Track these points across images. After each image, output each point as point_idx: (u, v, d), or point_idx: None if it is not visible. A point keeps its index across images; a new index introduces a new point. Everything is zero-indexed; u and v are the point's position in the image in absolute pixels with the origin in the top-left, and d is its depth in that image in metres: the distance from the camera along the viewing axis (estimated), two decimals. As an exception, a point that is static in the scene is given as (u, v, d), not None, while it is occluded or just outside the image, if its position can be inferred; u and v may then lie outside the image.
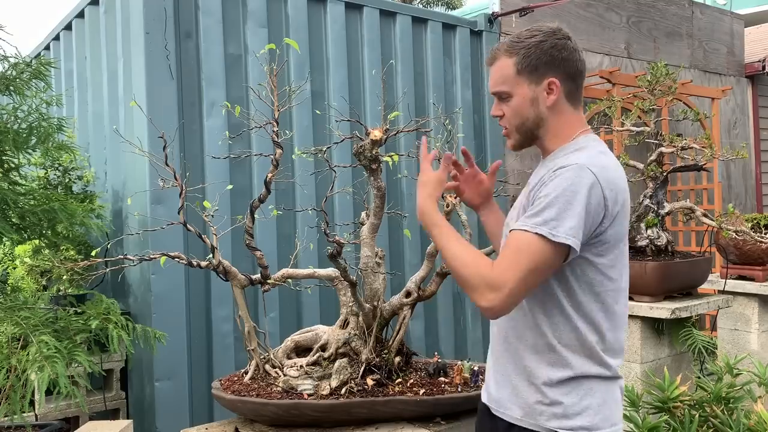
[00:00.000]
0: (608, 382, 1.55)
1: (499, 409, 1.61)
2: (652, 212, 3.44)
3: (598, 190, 1.43)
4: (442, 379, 2.32)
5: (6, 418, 2.16)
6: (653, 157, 3.45)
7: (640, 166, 3.50)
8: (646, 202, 3.44)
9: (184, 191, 2.27)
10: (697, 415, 2.65)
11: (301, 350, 2.41)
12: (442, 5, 17.20)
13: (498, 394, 1.62)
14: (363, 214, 2.51)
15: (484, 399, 1.71)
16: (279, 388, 2.17)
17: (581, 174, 1.43)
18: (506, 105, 1.59)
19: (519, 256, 1.41)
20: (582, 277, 1.50)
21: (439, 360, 2.44)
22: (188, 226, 2.27)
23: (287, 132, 3.60)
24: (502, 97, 1.59)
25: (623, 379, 1.62)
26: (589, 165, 1.45)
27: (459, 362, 2.38)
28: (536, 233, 1.40)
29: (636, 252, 3.41)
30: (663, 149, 3.45)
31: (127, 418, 3.38)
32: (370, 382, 2.17)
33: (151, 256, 2.22)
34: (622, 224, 1.52)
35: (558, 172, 1.46)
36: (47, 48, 4.95)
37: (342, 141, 2.46)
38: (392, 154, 2.45)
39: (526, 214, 1.46)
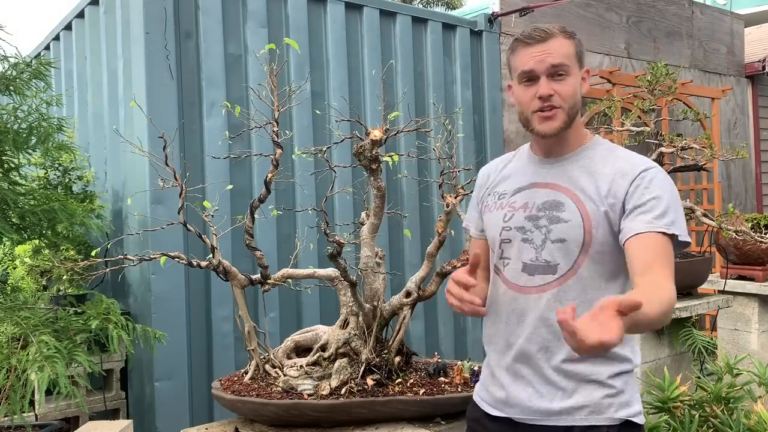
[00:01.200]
0: (633, 363, 1.62)
1: (549, 417, 1.55)
2: (652, 212, 3.43)
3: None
4: (442, 379, 2.32)
5: (6, 418, 2.16)
6: (653, 157, 3.45)
7: (640, 166, 3.49)
8: (646, 202, 3.44)
9: (184, 191, 2.27)
10: (697, 415, 2.65)
11: (301, 350, 2.41)
12: (442, 5, 17.19)
13: (545, 404, 1.55)
14: (363, 214, 2.51)
15: (501, 414, 1.63)
16: (279, 388, 2.17)
17: (669, 178, 1.54)
18: (560, 83, 1.54)
19: (672, 261, 1.47)
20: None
21: (439, 360, 2.44)
22: (188, 226, 2.27)
23: (287, 132, 3.60)
24: (560, 74, 1.54)
25: None
26: (661, 169, 1.56)
27: (459, 362, 2.38)
28: (673, 233, 1.45)
29: (636, 252, 3.40)
30: (663, 149, 3.45)
31: (127, 418, 3.38)
32: (370, 382, 2.17)
33: (151, 256, 2.22)
34: None
35: (648, 175, 1.51)
36: (47, 48, 4.95)
37: (342, 141, 2.46)
38: (392, 154, 2.45)
39: (637, 213, 1.47)
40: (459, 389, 2.24)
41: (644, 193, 1.49)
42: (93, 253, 2.65)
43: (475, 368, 2.33)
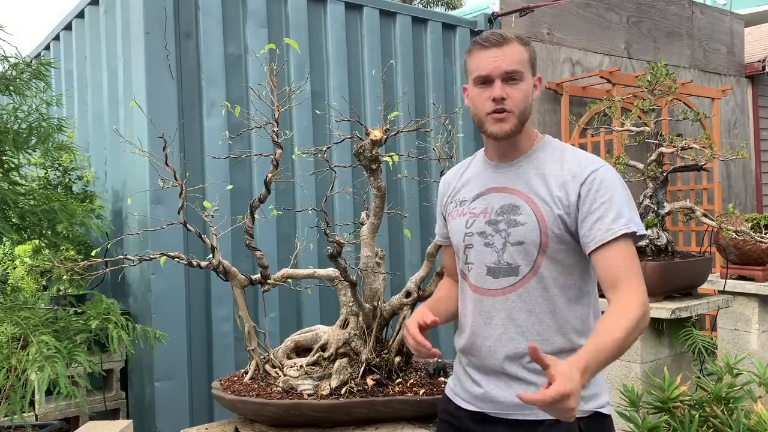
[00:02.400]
0: None
1: (520, 411, 1.60)
2: (652, 212, 3.44)
3: None
4: (442, 379, 2.32)
5: (6, 418, 2.16)
6: (653, 157, 3.45)
7: (640, 166, 3.50)
8: (646, 202, 3.44)
9: (184, 191, 2.27)
10: (697, 415, 2.65)
11: (301, 350, 2.41)
12: (442, 5, 17.19)
13: (511, 398, 1.60)
14: (363, 214, 2.51)
15: (473, 408, 1.69)
16: (279, 388, 2.17)
17: (618, 175, 1.61)
18: (513, 88, 1.60)
19: (636, 262, 1.53)
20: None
21: (439, 360, 2.44)
22: (188, 226, 2.27)
23: (287, 132, 3.60)
24: (513, 78, 1.60)
25: None
26: (609, 166, 1.62)
27: (459, 362, 2.38)
28: (633, 231, 1.52)
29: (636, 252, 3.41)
30: (663, 149, 3.45)
31: (127, 418, 3.38)
32: (370, 382, 2.17)
33: (151, 256, 2.22)
34: None
35: (599, 175, 1.57)
36: (47, 48, 4.95)
37: (342, 141, 2.46)
38: (392, 154, 2.45)
39: (593, 220, 1.53)
40: (459, 389, 2.24)
41: (596, 197, 1.55)
42: (93, 253, 2.65)
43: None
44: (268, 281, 2.33)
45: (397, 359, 2.30)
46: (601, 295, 1.66)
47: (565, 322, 1.61)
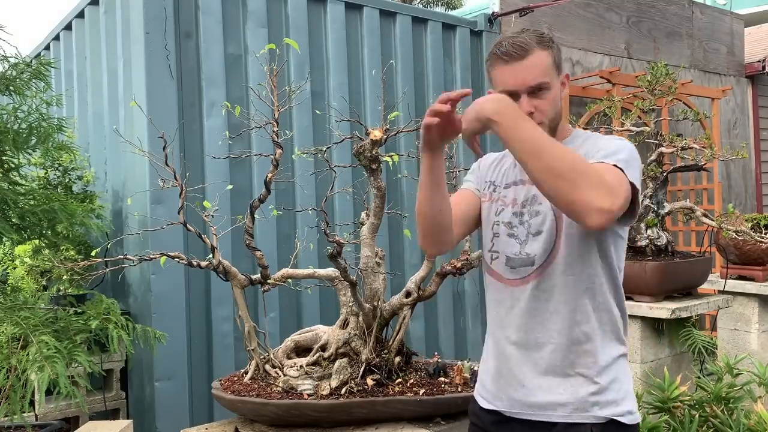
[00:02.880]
0: (626, 360, 1.63)
1: (537, 412, 1.57)
2: (652, 212, 3.44)
3: (640, 162, 1.53)
4: (442, 379, 2.32)
5: (6, 418, 2.16)
6: (653, 157, 3.45)
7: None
8: (646, 202, 3.44)
9: (184, 191, 2.27)
10: (697, 415, 2.65)
11: (301, 350, 2.41)
12: (442, 5, 17.19)
13: (533, 398, 1.58)
14: (363, 214, 2.51)
15: (492, 407, 1.66)
16: (279, 388, 2.17)
17: (633, 149, 1.52)
18: (540, 99, 1.55)
19: (622, 179, 1.42)
20: (618, 258, 1.60)
21: (439, 360, 2.44)
22: (188, 226, 2.27)
23: (287, 132, 3.60)
24: (540, 89, 1.55)
25: None
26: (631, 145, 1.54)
27: (459, 362, 2.38)
28: (621, 168, 1.43)
29: (636, 252, 3.41)
30: (663, 149, 3.45)
31: (127, 418, 3.38)
32: (370, 382, 2.17)
33: (151, 256, 2.22)
34: None
35: (615, 140, 1.52)
36: (47, 48, 4.95)
37: (342, 141, 2.46)
38: (392, 154, 2.45)
39: (598, 157, 1.47)
40: (459, 389, 2.24)
41: (604, 149, 1.50)
42: (93, 253, 2.65)
43: (475, 368, 2.33)
44: (268, 281, 2.33)
45: (397, 359, 2.30)
46: (629, 298, 1.64)
47: (584, 311, 1.56)
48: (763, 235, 3.89)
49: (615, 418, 1.54)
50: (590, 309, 1.56)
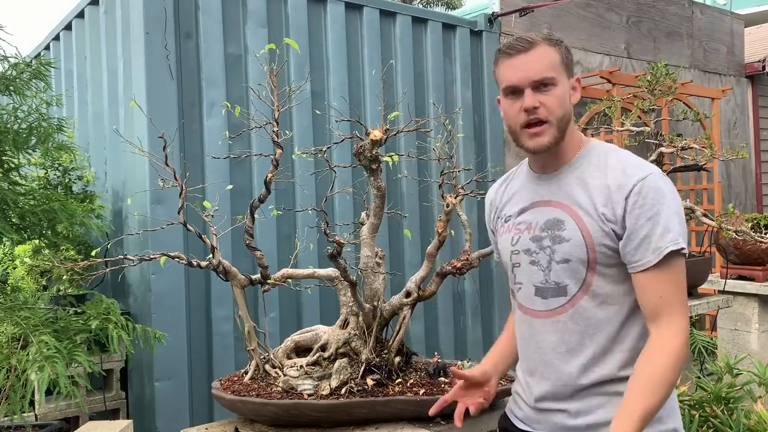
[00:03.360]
0: None
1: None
2: (652, 212, 3.43)
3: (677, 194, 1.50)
4: (442, 379, 2.32)
5: (6, 418, 2.16)
6: (653, 157, 3.45)
7: (640, 166, 3.49)
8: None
9: (184, 191, 2.27)
10: (697, 415, 2.65)
11: (301, 350, 2.41)
12: (442, 5, 17.20)
13: (573, 419, 1.52)
14: (363, 214, 2.51)
15: (529, 429, 1.62)
16: (279, 388, 2.17)
17: (667, 182, 1.47)
18: (546, 95, 1.48)
19: (681, 288, 1.44)
20: None
21: (439, 360, 2.44)
22: (188, 226, 2.27)
23: (287, 132, 3.60)
24: (545, 84, 1.48)
25: None
26: (659, 171, 1.48)
27: (459, 362, 2.38)
28: (680, 248, 1.42)
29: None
30: (663, 149, 3.45)
31: (127, 418, 3.38)
32: (370, 382, 2.17)
33: (151, 256, 2.22)
34: None
35: (645, 185, 1.44)
36: (47, 48, 4.95)
37: (342, 141, 2.46)
38: (392, 154, 2.45)
39: (640, 237, 1.42)
40: (459, 389, 2.24)
41: (642, 211, 1.42)
42: (93, 253, 2.65)
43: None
44: (268, 281, 2.33)
45: (397, 359, 2.30)
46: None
47: (621, 342, 1.50)
48: (763, 235, 3.88)
49: None
50: (630, 335, 1.50)
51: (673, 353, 1.40)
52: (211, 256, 2.28)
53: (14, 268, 3.60)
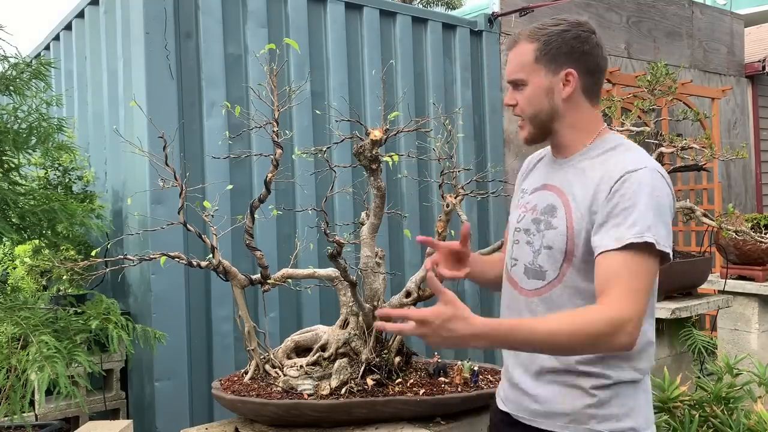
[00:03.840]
0: (646, 384, 1.55)
1: (535, 418, 1.56)
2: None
3: (670, 192, 1.44)
4: (442, 379, 2.32)
5: (6, 418, 2.16)
6: (653, 157, 3.45)
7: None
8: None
9: (184, 191, 2.27)
10: (697, 415, 2.65)
11: (301, 350, 2.41)
12: (442, 5, 17.19)
13: (532, 404, 1.56)
14: (363, 214, 2.51)
15: (503, 408, 1.66)
16: (279, 388, 2.17)
17: (657, 178, 1.42)
18: (520, 94, 1.54)
19: (637, 279, 1.35)
20: None
21: (439, 360, 2.44)
22: (188, 226, 2.27)
23: (287, 132, 3.59)
24: (518, 85, 1.54)
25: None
26: (657, 168, 1.44)
27: (459, 362, 2.38)
28: (645, 241, 1.35)
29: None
30: (663, 149, 3.45)
31: (127, 418, 3.38)
32: (370, 382, 2.17)
33: (151, 256, 2.22)
34: None
35: (631, 177, 1.40)
36: (47, 48, 4.95)
37: (342, 141, 2.46)
38: (392, 154, 2.45)
39: (609, 226, 1.39)
40: (459, 389, 2.24)
41: (620, 201, 1.40)
42: (93, 253, 2.65)
43: (475, 368, 2.33)
44: (268, 281, 2.33)
45: (397, 359, 2.30)
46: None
47: None
48: (763, 235, 3.88)
49: None
50: None
51: (593, 320, 1.33)
52: (211, 256, 2.28)
53: (14, 268, 3.59)
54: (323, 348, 2.32)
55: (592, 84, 1.55)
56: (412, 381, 2.27)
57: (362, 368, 2.21)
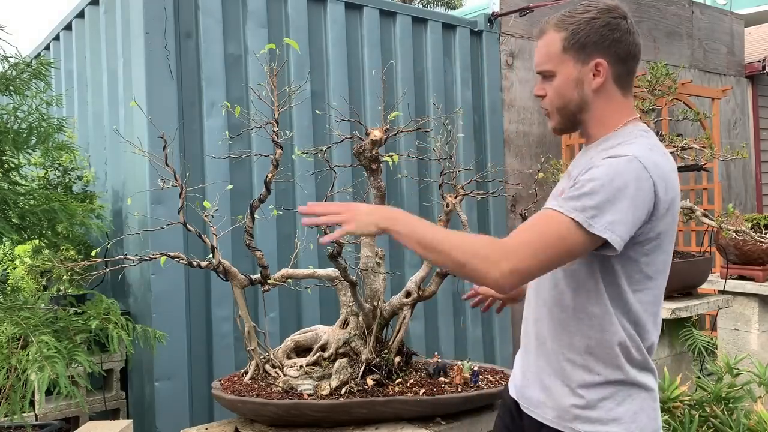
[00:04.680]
0: (647, 391, 1.48)
1: (530, 407, 1.57)
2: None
3: (649, 184, 1.35)
4: (442, 379, 2.32)
5: (6, 418, 2.16)
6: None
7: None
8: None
9: (184, 191, 2.27)
10: (697, 415, 2.65)
11: (301, 350, 2.41)
12: (442, 5, 17.19)
13: (529, 392, 1.57)
14: (363, 214, 2.50)
15: (512, 393, 1.67)
16: (279, 388, 2.17)
17: (631, 167, 1.35)
18: (549, 84, 1.50)
19: (541, 235, 1.33)
20: (629, 278, 1.43)
21: (439, 360, 2.44)
22: (188, 226, 2.27)
23: (287, 132, 3.60)
24: (546, 76, 1.50)
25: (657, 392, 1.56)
26: (641, 157, 1.36)
27: (459, 362, 2.38)
28: (571, 218, 1.32)
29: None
30: (663, 149, 3.45)
31: (127, 418, 3.38)
32: (370, 382, 2.17)
33: (151, 256, 2.22)
34: (670, 224, 1.44)
35: (606, 162, 1.36)
36: (47, 48, 4.95)
37: (342, 141, 2.46)
38: (392, 154, 2.45)
39: (564, 196, 1.37)
40: (459, 389, 2.24)
41: (582, 176, 1.37)
42: (93, 253, 2.65)
43: (475, 368, 2.33)
44: (268, 281, 2.33)
45: (397, 359, 2.30)
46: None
47: (576, 321, 1.46)
48: (763, 235, 3.89)
49: None
50: (594, 324, 1.45)
51: (482, 240, 1.36)
52: (211, 256, 2.28)
53: (14, 268, 3.59)
54: (323, 348, 2.32)
55: (624, 72, 1.50)
56: (412, 381, 2.27)
57: (362, 368, 2.21)
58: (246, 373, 2.33)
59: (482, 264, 1.32)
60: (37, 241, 3.31)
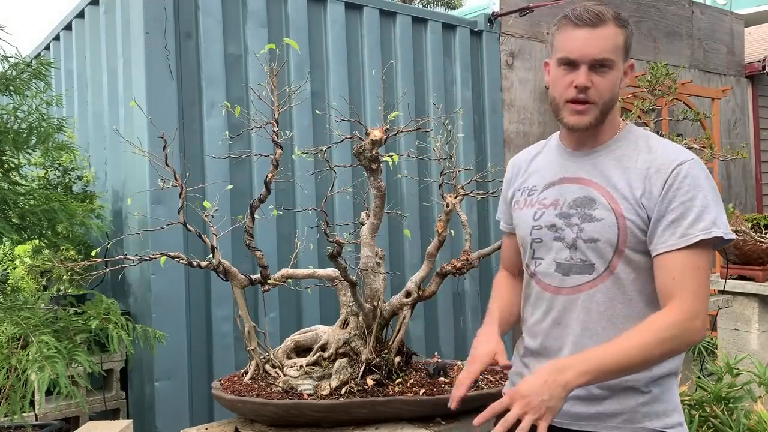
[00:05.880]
0: (676, 379, 1.54)
1: (578, 421, 1.49)
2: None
3: None
4: (442, 379, 2.32)
5: (6, 418, 2.16)
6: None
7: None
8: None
9: (184, 191, 2.27)
10: (697, 415, 2.65)
11: (301, 350, 2.41)
12: (442, 5, 17.20)
13: (568, 407, 1.46)
14: (363, 214, 2.51)
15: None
16: (279, 388, 2.17)
17: (703, 166, 1.44)
18: (600, 76, 1.45)
19: (700, 275, 1.38)
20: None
21: (439, 360, 2.44)
22: (188, 226, 2.27)
23: (287, 132, 3.60)
24: (602, 66, 1.45)
25: None
26: (696, 156, 1.45)
27: (459, 362, 2.38)
28: (714, 236, 1.37)
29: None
30: (663, 149, 3.45)
31: (127, 418, 3.38)
32: (370, 382, 2.17)
33: (151, 256, 2.22)
34: None
35: (686, 168, 1.41)
36: (47, 48, 4.95)
37: (342, 141, 2.46)
38: (392, 154, 2.45)
39: (669, 222, 1.39)
40: (459, 389, 2.24)
41: (676, 195, 1.40)
42: (93, 253, 2.65)
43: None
44: (268, 281, 2.33)
45: (397, 359, 2.30)
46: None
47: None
48: (763, 235, 3.89)
49: (665, 430, 1.46)
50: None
51: (662, 326, 1.35)
52: (211, 256, 2.28)
53: (14, 268, 3.60)
54: (323, 348, 2.32)
55: None
56: (412, 381, 2.27)
57: (362, 368, 2.21)
58: (246, 373, 2.33)
59: (679, 342, 1.37)
60: (37, 241, 3.31)
